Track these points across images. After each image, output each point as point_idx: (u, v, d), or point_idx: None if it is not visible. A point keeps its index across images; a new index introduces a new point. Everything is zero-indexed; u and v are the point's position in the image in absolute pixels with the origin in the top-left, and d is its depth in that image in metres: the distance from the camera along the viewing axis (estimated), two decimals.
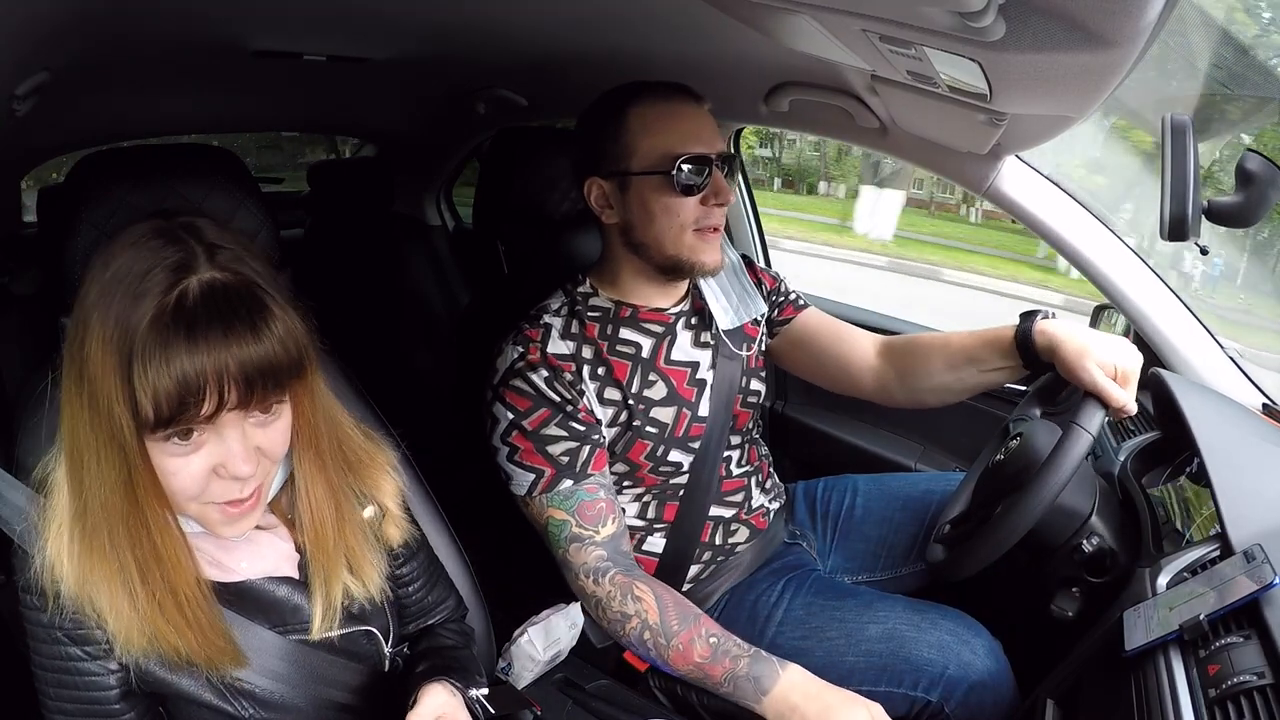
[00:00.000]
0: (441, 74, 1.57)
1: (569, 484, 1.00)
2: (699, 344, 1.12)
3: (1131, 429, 1.15)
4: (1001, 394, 1.41)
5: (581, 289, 1.09)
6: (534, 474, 1.01)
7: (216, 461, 0.62)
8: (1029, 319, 1.00)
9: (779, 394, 1.85)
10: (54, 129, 1.33)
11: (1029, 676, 0.96)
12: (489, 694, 0.80)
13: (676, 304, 1.11)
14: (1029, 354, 0.99)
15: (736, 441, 1.16)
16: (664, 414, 1.06)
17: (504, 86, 1.63)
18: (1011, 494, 0.90)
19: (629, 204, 1.01)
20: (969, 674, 0.95)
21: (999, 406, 1.47)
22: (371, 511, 0.79)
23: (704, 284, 1.11)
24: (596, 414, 1.03)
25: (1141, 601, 0.77)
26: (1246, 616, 0.67)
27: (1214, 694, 0.63)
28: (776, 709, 0.90)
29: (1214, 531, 0.81)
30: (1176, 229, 0.86)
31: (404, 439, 0.90)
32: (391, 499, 0.80)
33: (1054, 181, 1.18)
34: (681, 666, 0.95)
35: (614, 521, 1.02)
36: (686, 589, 1.11)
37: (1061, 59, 0.55)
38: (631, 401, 1.04)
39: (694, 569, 1.13)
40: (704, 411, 1.09)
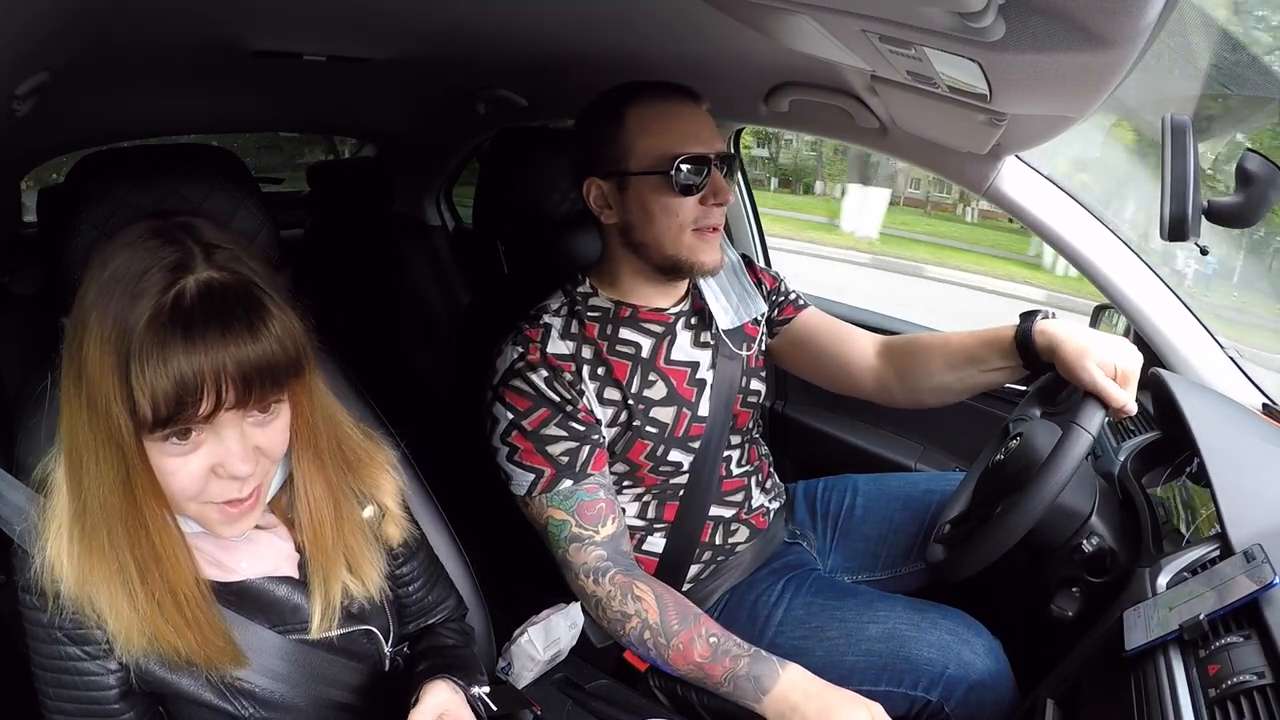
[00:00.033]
0: (441, 74, 1.57)
1: (569, 484, 1.00)
2: (699, 344, 1.12)
3: (1131, 429, 1.15)
4: (1001, 394, 1.41)
5: (581, 289, 1.09)
6: (534, 474, 1.01)
7: (215, 461, 0.62)
8: (1029, 319, 1.00)
9: (779, 394, 1.85)
10: (54, 129, 1.33)
11: (1029, 676, 0.96)
12: (490, 692, 0.80)
13: (676, 304, 1.11)
14: (1029, 354, 0.99)
15: (736, 441, 1.16)
16: (664, 414, 1.06)
17: (504, 86, 1.63)
18: (1011, 494, 0.90)
19: (628, 204, 1.01)
20: (969, 674, 0.95)
21: (999, 406, 1.47)
22: (371, 511, 0.79)
23: (704, 284, 1.11)
24: (596, 414, 1.03)
25: (1141, 601, 0.77)
26: (1246, 616, 0.67)
27: (1214, 694, 0.63)
28: (776, 708, 0.90)
29: (1214, 531, 0.81)
30: (1176, 229, 0.86)
31: (404, 439, 0.90)
32: (391, 498, 0.80)
33: (1054, 181, 1.17)
34: (681, 666, 0.95)
35: (614, 521, 1.02)
36: (686, 589, 1.11)
37: (1061, 59, 0.55)
38: (631, 401, 1.04)
39: (694, 569, 1.13)
40: (704, 411, 1.09)
